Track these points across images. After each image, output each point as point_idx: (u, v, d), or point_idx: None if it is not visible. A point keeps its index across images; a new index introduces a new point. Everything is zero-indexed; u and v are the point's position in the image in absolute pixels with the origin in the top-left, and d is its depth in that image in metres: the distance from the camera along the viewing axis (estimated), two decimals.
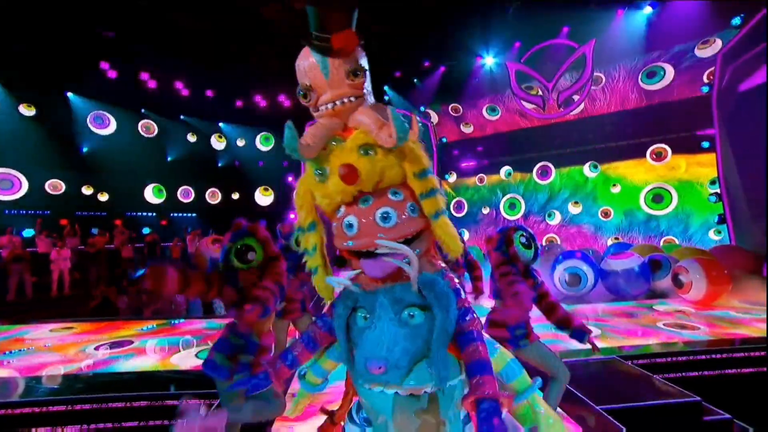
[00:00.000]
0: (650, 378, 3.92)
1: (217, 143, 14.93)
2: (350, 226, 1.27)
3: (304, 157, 1.27)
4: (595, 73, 11.35)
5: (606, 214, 12.71)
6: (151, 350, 5.10)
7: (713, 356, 4.59)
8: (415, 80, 14.61)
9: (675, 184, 11.38)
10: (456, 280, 1.41)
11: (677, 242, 11.15)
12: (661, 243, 11.25)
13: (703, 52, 10.21)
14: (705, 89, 10.18)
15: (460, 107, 14.61)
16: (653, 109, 11.47)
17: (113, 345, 5.29)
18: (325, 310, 1.51)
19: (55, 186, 11.32)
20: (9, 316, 7.52)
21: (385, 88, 14.97)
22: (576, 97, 11.72)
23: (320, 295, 1.47)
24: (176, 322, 6.45)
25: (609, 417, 3.12)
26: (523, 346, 2.64)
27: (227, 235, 2.23)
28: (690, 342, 4.97)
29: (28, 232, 10.91)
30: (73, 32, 10.05)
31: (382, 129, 1.24)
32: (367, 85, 1.35)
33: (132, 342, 5.41)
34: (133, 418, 3.42)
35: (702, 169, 10.85)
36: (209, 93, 14.03)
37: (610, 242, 11.76)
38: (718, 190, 9.84)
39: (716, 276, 6.83)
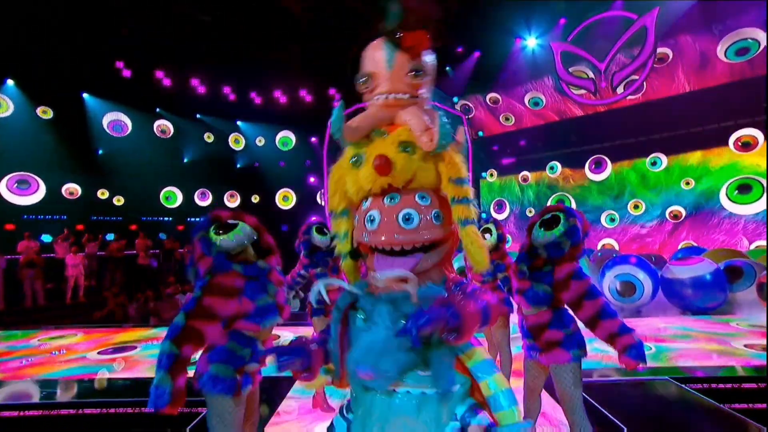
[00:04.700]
0: (712, 407, 3.55)
1: (235, 143, 15.52)
2: (372, 220, 1.39)
3: (346, 139, 1.42)
4: (659, 49, 10.69)
5: (675, 216, 11.88)
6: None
7: None
8: (447, 68, 14.47)
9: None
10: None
11: None
12: (751, 247, 10.29)
13: None
14: None
15: (498, 97, 14.28)
16: (740, 86, 10.34)
17: (116, 350, 5.79)
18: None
19: (72, 191, 12.24)
20: (23, 323, 8.23)
21: None
22: (635, 78, 11.09)
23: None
24: None
25: None
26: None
27: None
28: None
29: (46, 238, 11.84)
30: (86, 31, 10.89)
31: (425, 132, 1.38)
32: (426, 92, 1.51)
33: (135, 348, 5.89)
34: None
35: None
36: (226, 90, 14.64)
37: (681, 247, 10.94)
38: None
39: None
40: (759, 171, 10.44)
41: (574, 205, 13.55)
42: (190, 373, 1.88)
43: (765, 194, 9.93)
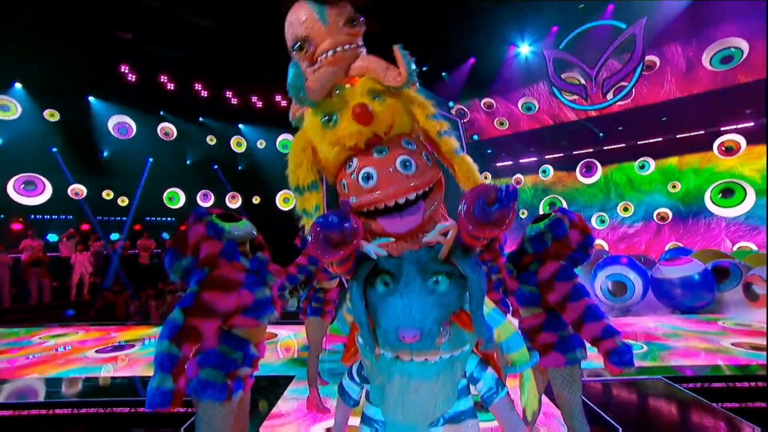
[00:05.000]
0: (704, 406, 3.44)
1: (237, 146, 15.35)
2: (368, 177, 1.29)
3: (309, 100, 1.31)
4: (647, 57, 10.60)
5: (662, 218, 11.81)
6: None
7: None
8: (444, 74, 14.36)
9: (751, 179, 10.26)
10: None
11: (754, 248, 10.10)
12: (734, 249, 10.27)
13: None
14: None
15: (493, 102, 14.18)
16: (724, 93, 10.29)
17: (115, 348, 5.64)
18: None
19: (77, 191, 12.04)
20: (29, 320, 8.09)
21: None
22: (624, 84, 11.00)
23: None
24: None
25: None
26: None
27: None
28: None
29: (52, 237, 11.67)
30: (92, 36, 10.74)
31: (388, 69, 1.32)
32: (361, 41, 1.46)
33: (134, 346, 5.75)
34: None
35: None
36: (228, 93, 14.49)
37: (668, 248, 10.88)
38: None
39: None
40: (741, 175, 10.43)
41: (564, 205, 13.49)
42: None
43: (765, 194, 9.79)
